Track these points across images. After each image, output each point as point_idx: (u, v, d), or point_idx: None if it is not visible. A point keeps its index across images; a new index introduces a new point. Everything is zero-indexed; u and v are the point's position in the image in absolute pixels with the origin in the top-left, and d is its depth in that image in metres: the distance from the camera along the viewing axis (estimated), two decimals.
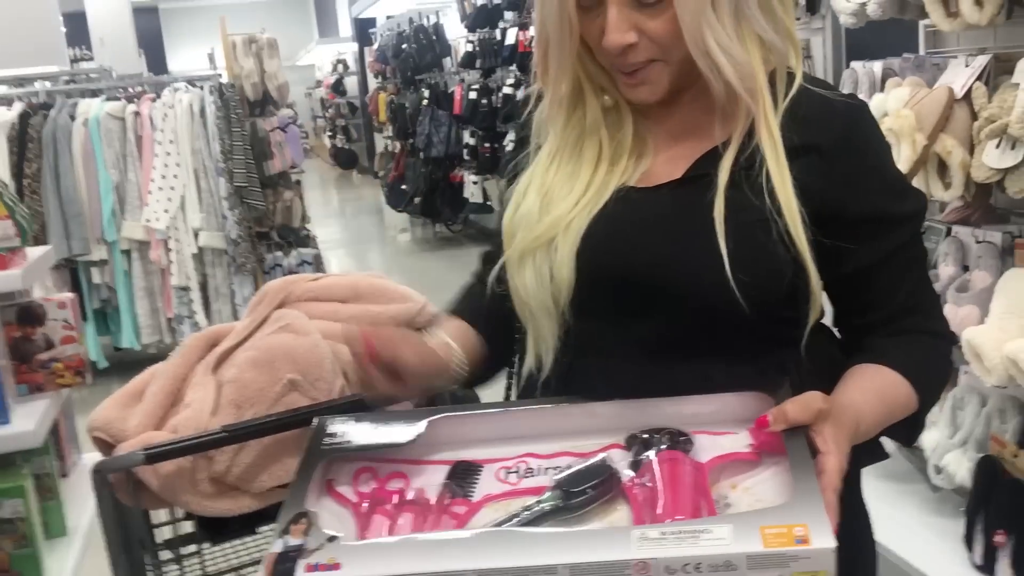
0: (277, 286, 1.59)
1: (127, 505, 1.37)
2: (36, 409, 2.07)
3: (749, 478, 0.97)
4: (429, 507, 1.00)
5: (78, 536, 2.22)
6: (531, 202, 1.10)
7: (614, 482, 0.96)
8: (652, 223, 1.07)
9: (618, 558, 0.83)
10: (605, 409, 1.06)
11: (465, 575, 0.84)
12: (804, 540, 0.81)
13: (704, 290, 1.02)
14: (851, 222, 1.05)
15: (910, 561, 2.48)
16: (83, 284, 5.03)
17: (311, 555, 0.88)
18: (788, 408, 0.94)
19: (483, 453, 1.07)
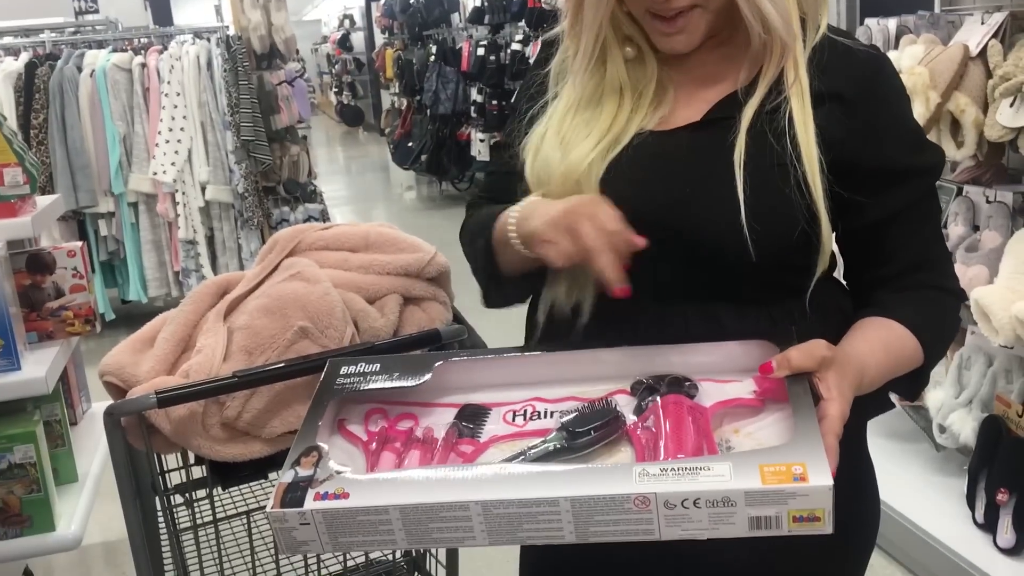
0: (288, 235, 1.59)
1: (138, 449, 1.38)
2: (46, 356, 2.08)
3: (752, 423, 0.98)
4: (436, 445, 1.02)
5: (88, 482, 2.24)
6: (549, 152, 1.10)
7: (618, 424, 0.98)
8: (669, 166, 1.07)
9: (619, 492, 0.84)
10: (612, 356, 1.07)
11: (469, 507, 0.86)
12: (802, 478, 0.82)
13: (718, 234, 1.02)
14: (868, 173, 1.05)
15: (912, 518, 2.50)
16: (90, 236, 5.04)
17: (321, 485, 0.90)
18: (792, 355, 0.94)
19: (491, 397, 1.09)
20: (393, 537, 0.89)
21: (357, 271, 1.50)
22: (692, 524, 0.84)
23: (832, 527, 0.83)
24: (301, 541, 0.90)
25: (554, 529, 0.87)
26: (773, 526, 0.84)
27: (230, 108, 4.93)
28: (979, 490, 2.43)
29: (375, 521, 0.88)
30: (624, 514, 0.85)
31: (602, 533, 0.86)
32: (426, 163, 8.91)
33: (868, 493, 1.19)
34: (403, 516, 0.88)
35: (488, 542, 0.88)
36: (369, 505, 0.88)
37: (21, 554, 2.09)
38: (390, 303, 1.48)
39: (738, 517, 0.83)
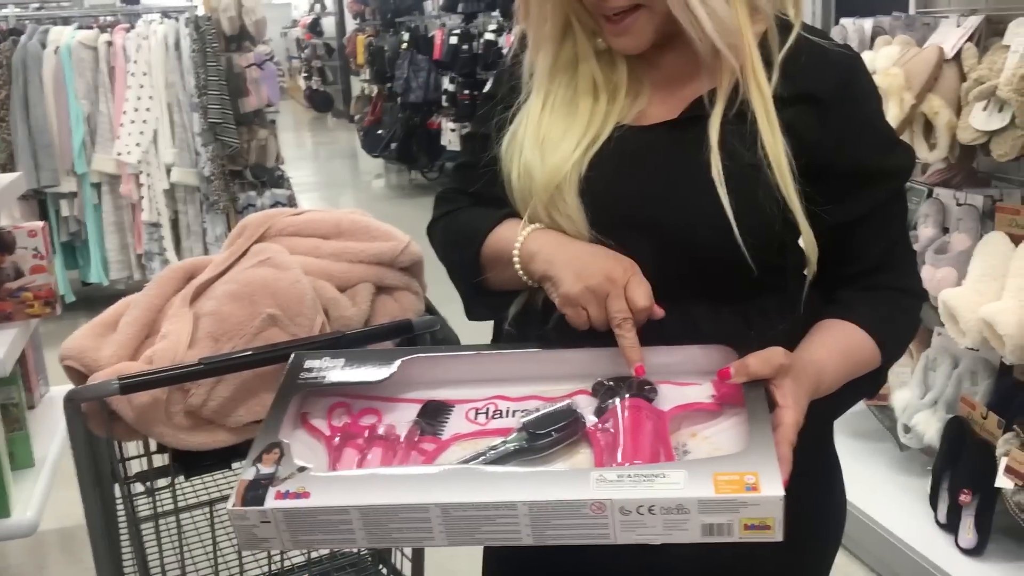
0: (257, 219, 1.55)
1: (99, 436, 1.35)
2: (4, 338, 2.03)
3: (709, 427, 0.99)
4: (398, 443, 1.02)
5: (45, 467, 2.19)
6: (529, 156, 1.08)
7: (578, 426, 0.98)
8: (647, 162, 1.06)
9: (576, 497, 0.85)
10: (575, 356, 1.07)
11: (428, 508, 0.87)
12: (754, 488, 0.84)
13: (695, 232, 1.02)
14: (840, 175, 1.05)
15: (875, 517, 2.52)
16: (51, 216, 4.94)
17: (282, 483, 0.90)
18: (750, 361, 0.95)
19: (454, 393, 1.09)
20: (353, 536, 0.90)
21: (329, 258, 1.47)
22: (646, 529, 0.86)
23: (782, 535, 0.85)
24: (261, 538, 0.91)
25: (512, 531, 0.88)
26: (725, 533, 0.86)
27: (198, 89, 4.86)
28: (942, 490, 2.45)
29: (335, 521, 0.89)
30: (581, 519, 0.86)
31: (559, 536, 0.88)
32: (396, 151, 8.85)
33: (834, 489, 1.20)
34: (363, 516, 0.88)
35: (447, 543, 0.90)
36: (330, 505, 0.88)
37: None
38: (362, 292, 1.45)
39: (691, 524, 0.85)
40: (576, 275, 1.00)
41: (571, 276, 1.00)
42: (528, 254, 1.05)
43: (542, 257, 1.03)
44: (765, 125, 1.01)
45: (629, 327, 0.98)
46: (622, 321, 0.98)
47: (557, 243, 1.05)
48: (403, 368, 1.09)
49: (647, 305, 0.99)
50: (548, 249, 1.04)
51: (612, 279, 0.99)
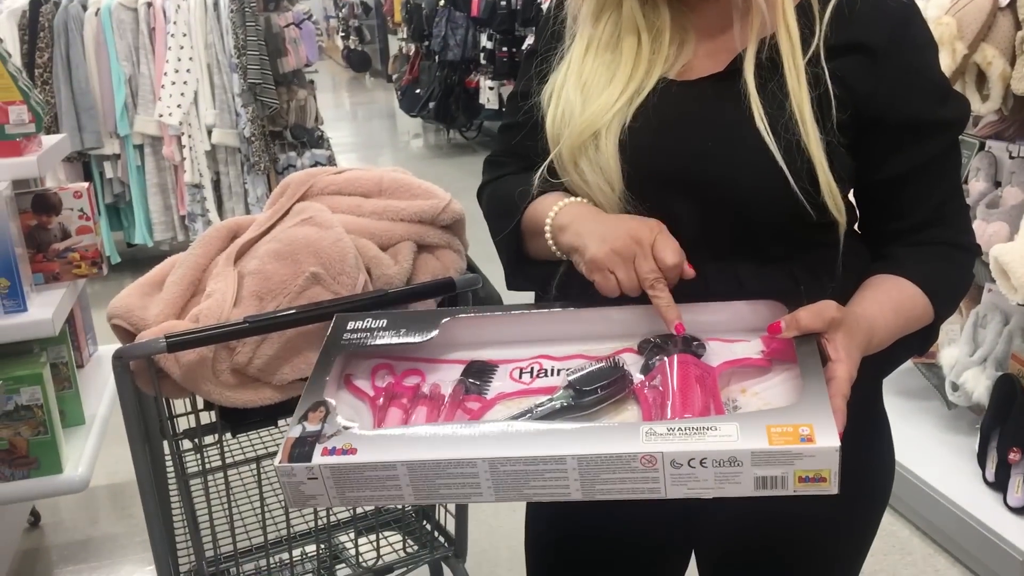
0: (300, 178, 1.55)
1: (147, 393, 1.36)
2: (52, 298, 2.06)
3: (759, 383, 0.97)
4: (443, 402, 1.01)
5: (95, 425, 2.23)
6: (571, 97, 1.07)
7: (625, 382, 0.97)
8: (693, 118, 1.04)
9: (626, 451, 0.84)
10: (620, 315, 1.05)
11: (476, 464, 0.86)
12: (809, 439, 0.82)
13: (743, 189, 1.00)
14: (893, 126, 1.02)
15: (922, 476, 2.49)
16: (96, 178, 5.00)
17: (328, 440, 0.90)
18: (801, 315, 0.93)
19: (498, 354, 1.08)
20: (400, 493, 0.89)
21: (370, 217, 1.47)
22: (698, 483, 0.85)
23: (838, 488, 0.83)
24: (309, 495, 0.91)
25: (560, 486, 0.87)
26: (779, 486, 0.84)
27: (237, 50, 4.86)
28: (991, 449, 2.41)
29: (382, 477, 0.89)
30: (631, 472, 0.85)
31: (608, 491, 0.87)
32: (434, 111, 8.81)
33: (884, 448, 1.18)
34: (410, 472, 0.88)
35: (495, 499, 0.89)
36: (377, 461, 0.88)
37: (28, 495, 2.10)
38: (404, 250, 1.45)
39: (744, 477, 0.84)
40: (601, 239, 0.99)
41: (596, 241, 0.99)
42: (559, 227, 1.05)
43: (572, 229, 1.03)
44: (792, 74, 0.99)
45: (662, 286, 0.97)
46: (654, 281, 0.96)
47: (588, 215, 1.04)
48: (446, 329, 1.08)
49: (677, 262, 0.97)
50: (578, 221, 1.03)
51: (638, 239, 0.97)
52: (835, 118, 0.99)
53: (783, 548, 1.15)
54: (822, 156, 0.98)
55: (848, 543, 1.18)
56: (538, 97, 1.12)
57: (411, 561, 1.68)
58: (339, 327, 1.10)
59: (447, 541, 1.72)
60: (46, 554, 2.69)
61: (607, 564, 1.23)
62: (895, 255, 1.07)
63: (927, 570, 2.43)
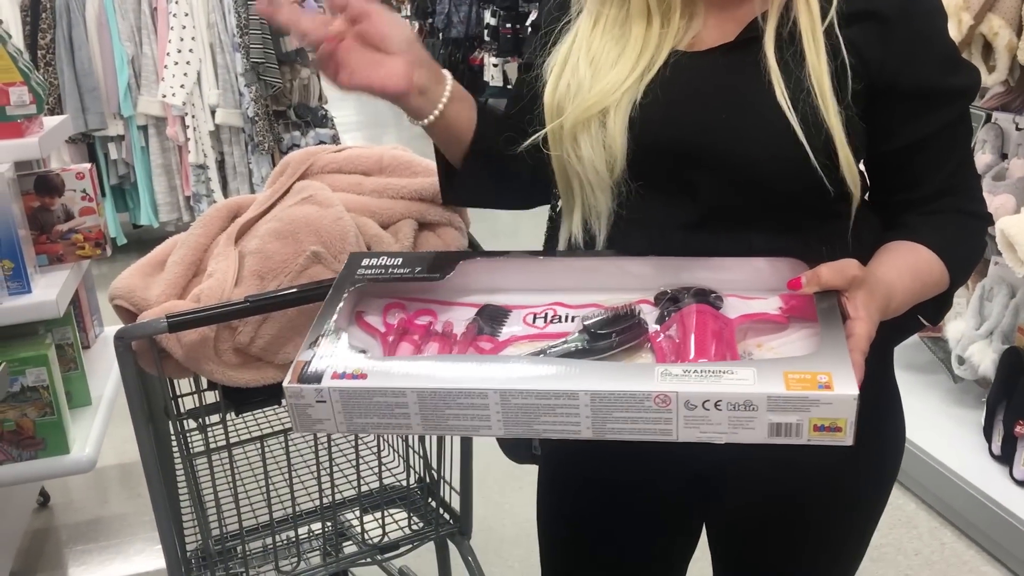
0: (300, 157, 1.55)
1: (150, 373, 1.37)
2: (57, 280, 2.06)
3: (776, 339, 0.96)
4: (455, 339, 1.01)
5: (102, 405, 2.24)
6: (581, 70, 1.06)
7: (640, 330, 0.96)
8: (705, 89, 1.03)
9: (640, 389, 0.83)
10: (637, 267, 1.05)
11: (487, 394, 0.86)
12: (827, 386, 0.81)
13: (757, 159, 0.99)
14: (904, 95, 1.01)
15: (928, 450, 2.49)
16: (100, 160, 4.99)
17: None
18: (822, 271, 0.93)
19: (512, 299, 1.07)
20: (408, 421, 0.89)
21: (371, 195, 1.46)
22: (711, 427, 0.83)
23: (853, 439, 0.82)
24: (316, 419, 0.90)
25: (571, 423, 0.86)
26: (793, 434, 0.82)
27: (239, 29, 4.84)
28: (996, 422, 2.41)
29: (391, 403, 0.88)
30: (643, 412, 0.84)
31: (619, 430, 0.85)
32: None
33: (894, 420, 1.19)
34: (420, 400, 0.87)
35: (504, 432, 0.88)
36: (387, 387, 0.87)
37: (36, 475, 2.11)
38: (404, 228, 1.45)
39: (758, 422, 0.82)
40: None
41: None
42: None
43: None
44: (810, 45, 0.98)
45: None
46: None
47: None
48: (461, 272, 1.07)
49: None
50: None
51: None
52: (850, 88, 0.98)
53: (794, 521, 1.15)
54: (841, 129, 0.97)
55: (859, 514, 1.18)
56: (540, 69, 1.11)
57: (416, 538, 1.69)
58: (353, 264, 1.10)
59: (452, 518, 1.73)
60: (56, 534, 2.71)
61: (616, 538, 1.23)
62: (909, 223, 1.07)
63: (933, 543, 2.44)
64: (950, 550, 2.41)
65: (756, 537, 1.19)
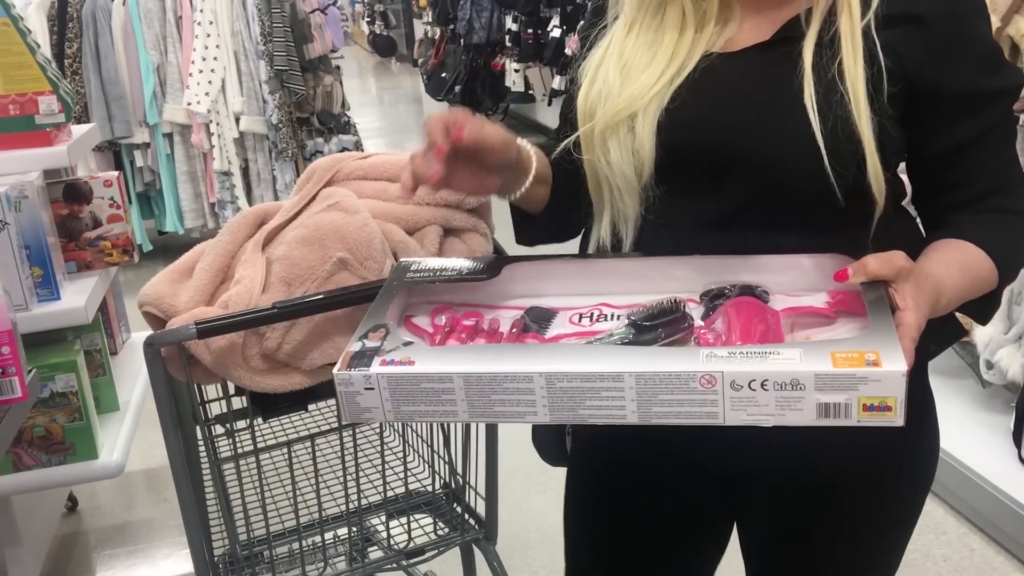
0: (326, 163, 1.56)
1: (179, 379, 1.38)
2: (85, 286, 2.08)
3: (824, 332, 0.95)
4: (501, 337, 1.02)
5: (130, 411, 2.26)
6: (611, 76, 1.06)
7: (685, 322, 0.96)
8: (736, 89, 1.03)
9: (685, 369, 0.83)
10: (682, 268, 1.05)
11: (532, 378, 0.86)
12: (875, 363, 0.79)
13: (788, 161, 0.98)
14: (948, 97, 1.01)
15: (956, 455, 2.47)
16: (126, 167, 5.04)
17: (387, 354, 0.92)
18: (869, 261, 0.92)
19: (558, 302, 1.08)
20: (455, 408, 0.89)
21: (396, 201, 1.47)
22: (758, 408, 0.82)
23: (904, 419, 0.80)
24: (364, 407, 0.91)
25: (616, 407, 0.86)
26: (842, 414, 0.81)
27: (263, 37, 4.87)
28: None
29: (438, 390, 0.89)
30: (689, 394, 0.83)
31: (665, 413, 0.85)
32: (460, 94, 8.79)
33: (929, 429, 1.18)
34: (466, 385, 0.88)
35: (549, 418, 0.88)
36: (433, 372, 0.89)
37: (65, 481, 2.13)
38: (430, 234, 1.45)
39: (806, 403, 0.81)
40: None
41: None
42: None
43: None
44: (849, 49, 0.97)
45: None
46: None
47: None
48: (506, 276, 1.08)
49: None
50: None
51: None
52: (886, 92, 0.97)
53: (825, 530, 1.14)
54: (871, 136, 0.96)
55: (892, 524, 1.17)
56: (576, 73, 1.12)
57: (442, 543, 1.69)
58: (402, 268, 1.11)
59: (477, 524, 1.73)
60: (84, 538, 2.73)
61: (643, 539, 1.23)
62: (956, 222, 1.06)
63: (962, 550, 2.41)
64: (979, 556, 2.39)
65: (787, 543, 1.18)
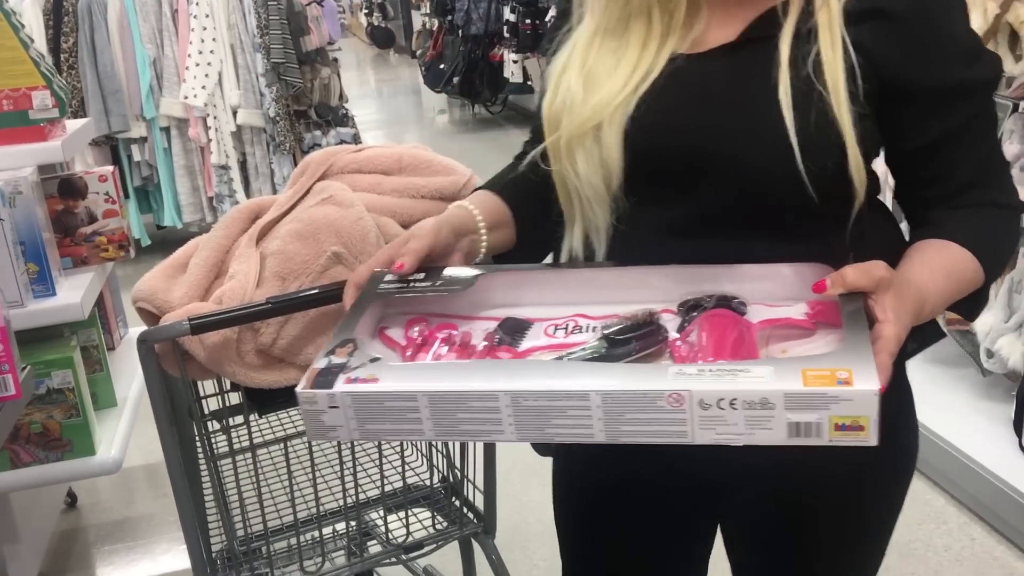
0: (319, 157, 1.55)
1: (174, 376, 1.37)
2: (81, 282, 2.07)
3: (802, 345, 0.92)
4: (473, 350, 1.00)
5: (127, 407, 2.25)
6: (574, 85, 1.03)
7: (660, 335, 0.94)
8: (705, 92, 1.00)
9: (652, 388, 0.81)
10: (660, 278, 1.03)
11: (498, 396, 0.84)
12: (847, 382, 0.78)
13: (760, 165, 0.96)
14: (921, 93, 0.98)
15: (957, 444, 2.46)
16: (124, 162, 5.03)
17: (353, 371, 0.89)
18: (847, 272, 0.89)
19: (534, 312, 1.06)
20: (421, 427, 0.88)
21: (391, 195, 1.46)
22: (727, 427, 0.81)
23: (877, 439, 0.78)
24: (329, 426, 0.89)
25: (583, 426, 0.84)
26: (814, 434, 0.79)
27: (260, 29, 4.85)
28: None
29: (403, 408, 0.87)
30: (656, 412, 0.82)
31: (633, 432, 0.83)
32: (458, 85, 8.76)
33: (907, 427, 1.15)
34: (431, 404, 0.86)
35: (516, 437, 0.86)
36: (398, 390, 0.87)
37: (63, 477, 2.12)
38: None
39: (776, 422, 0.79)
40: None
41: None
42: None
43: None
44: (827, 44, 0.95)
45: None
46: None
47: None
48: (483, 285, 1.06)
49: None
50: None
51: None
52: (861, 88, 0.95)
53: (805, 529, 1.13)
54: (851, 130, 0.94)
55: (872, 524, 1.16)
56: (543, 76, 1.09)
57: (440, 538, 1.69)
58: (375, 278, 1.08)
59: (476, 517, 1.72)
60: (84, 534, 2.73)
61: (625, 540, 1.23)
62: (937, 219, 1.03)
63: (962, 539, 2.41)
64: (980, 546, 2.38)
65: (768, 541, 1.17)
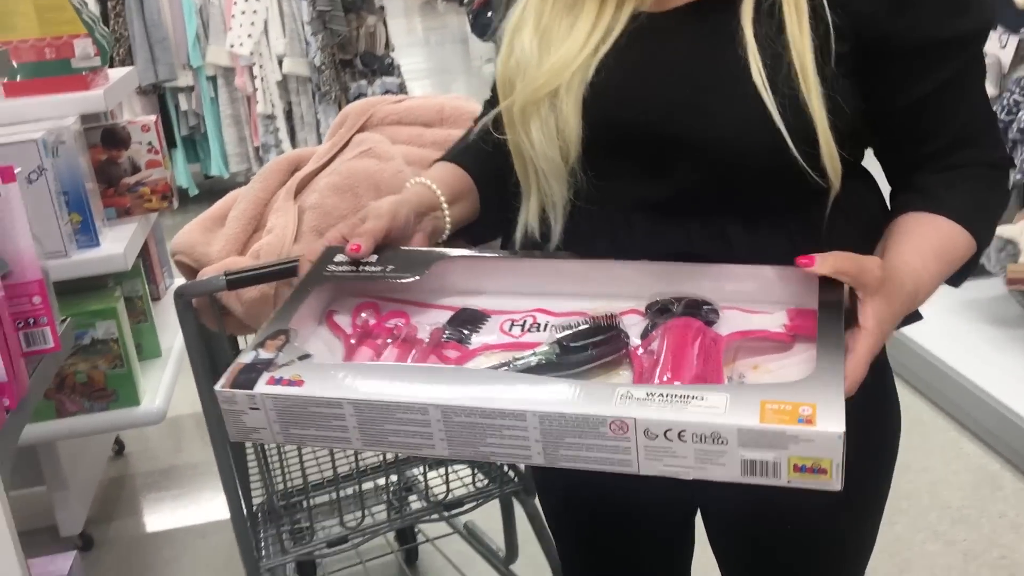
0: (359, 108, 1.51)
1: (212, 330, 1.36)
2: (124, 233, 2.07)
3: (775, 361, 0.85)
4: (420, 345, 0.93)
5: (172, 357, 2.26)
6: (527, 44, 0.96)
7: (619, 344, 0.87)
8: (669, 58, 0.92)
9: (593, 413, 0.74)
10: (633, 273, 0.95)
11: (428, 410, 0.78)
12: (808, 420, 0.70)
13: (730, 137, 0.89)
14: (902, 51, 0.90)
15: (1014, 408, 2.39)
16: (171, 111, 5.04)
17: (278, 369, 0.82)
18: (840, 258, 0.82)
19: (493, 303, 0.99)
20: (347, 435, 0.81)
21: (431, 147, 1.42)
22: (675, 460, 0.74)
23: (841, 484, 0.71)
24: (251, 427, 0.83)
25: (520, 447, 0.77)
26: (770, 474, 0.72)
27: None
28: None
29: (328, 415, 0.80)
30: (598, 439, 0.75)
31: (573, 458, 0.76)
32: None
33: (888, 427, 1.07)
34: (357, 412, 0.80)
35: (448, 453, 0.80)
36: (322, 396, 0.80)
37: (108, 427, 2.14)
38: None
39: (729, 458, 0.72)
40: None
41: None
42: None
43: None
44: (793, 17, 0.87)
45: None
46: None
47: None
48: (441, 272, 0.98)
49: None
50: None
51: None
52: (834, 52, 0.87)
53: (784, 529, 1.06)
54: (823, 113, 0.86)
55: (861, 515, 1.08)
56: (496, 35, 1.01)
57: (481, 496, 1.67)
58: (325, 258, 1.00)
59: (517, 476, 1.70)
60: (131, 481, 2.77)
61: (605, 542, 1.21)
62: (924, 185, 0.96)
63: (1018, 505, 2.34)
64: None
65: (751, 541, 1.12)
